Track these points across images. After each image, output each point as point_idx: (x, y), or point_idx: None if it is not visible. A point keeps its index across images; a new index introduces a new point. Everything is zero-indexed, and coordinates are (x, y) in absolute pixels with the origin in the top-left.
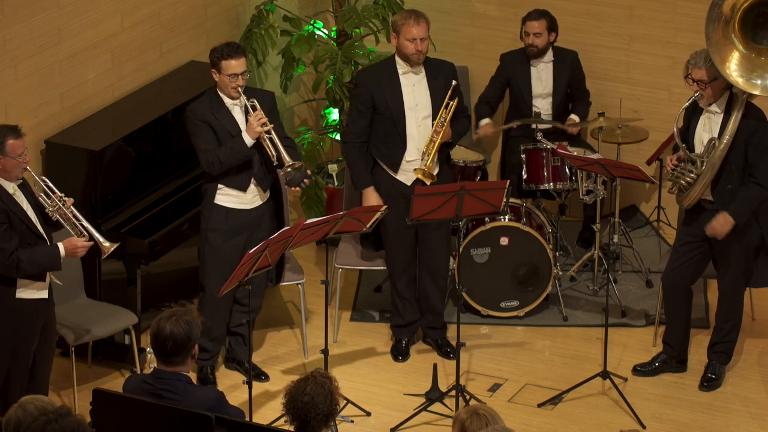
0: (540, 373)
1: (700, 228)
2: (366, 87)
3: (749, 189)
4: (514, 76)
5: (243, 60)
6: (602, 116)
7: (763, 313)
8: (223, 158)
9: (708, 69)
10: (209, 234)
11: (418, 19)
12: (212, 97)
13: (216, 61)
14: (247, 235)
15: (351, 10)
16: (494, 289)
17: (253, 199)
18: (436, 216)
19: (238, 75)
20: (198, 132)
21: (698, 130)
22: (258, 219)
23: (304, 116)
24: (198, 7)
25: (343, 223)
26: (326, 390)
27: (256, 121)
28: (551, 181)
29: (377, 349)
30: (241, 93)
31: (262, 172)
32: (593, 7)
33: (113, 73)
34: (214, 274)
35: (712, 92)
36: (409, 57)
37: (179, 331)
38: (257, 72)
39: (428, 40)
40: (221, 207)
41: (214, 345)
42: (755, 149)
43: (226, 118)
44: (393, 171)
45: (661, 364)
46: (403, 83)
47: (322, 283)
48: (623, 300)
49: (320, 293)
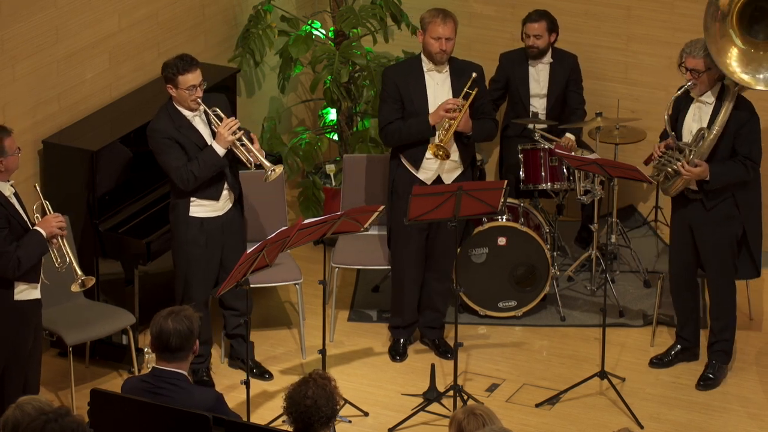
0: (538, 373)
1: (685, 217)
2: (393, 82)
3: (735, 165)
4: (512, 75)
5: (198, 71)
6: (600, 116)
7: (760, 312)
8: (197, 173)
9: (704, 59)
10: (187, 248)
11: (445, 18)
12: (171, 112)
13: (171, 77)
14: (222, 241)
15: (348, 11)
16: (492, 289)
17: (224, 204)
18: (433, 216)
19: (196, 87)
20: (165, 150)
21: (687, 120)
22: (229, 223)
23: (301, 116)
24: (196, 7)
25: (340, 224)
26: (327, 392)
27: (226, 130)
28: (549, 181)
29: (375, 349)
30: (200, 103)
31: (232, 179)
32: (591, 7)
33: (111, 73)
34: (197, 283)
35: (706, 82)
36: (433, 56)
37: (182, 326)
38: (254, 72)
39: (454, 41)
40: (196, 218)
41: (204, 348)
42: (744, 141)
43: (191, 131)
44: (414, 168)
45: (675, 355)
46: (428, 81)
47: (319, 283)
48: (621, 300)
49: (318, 293)
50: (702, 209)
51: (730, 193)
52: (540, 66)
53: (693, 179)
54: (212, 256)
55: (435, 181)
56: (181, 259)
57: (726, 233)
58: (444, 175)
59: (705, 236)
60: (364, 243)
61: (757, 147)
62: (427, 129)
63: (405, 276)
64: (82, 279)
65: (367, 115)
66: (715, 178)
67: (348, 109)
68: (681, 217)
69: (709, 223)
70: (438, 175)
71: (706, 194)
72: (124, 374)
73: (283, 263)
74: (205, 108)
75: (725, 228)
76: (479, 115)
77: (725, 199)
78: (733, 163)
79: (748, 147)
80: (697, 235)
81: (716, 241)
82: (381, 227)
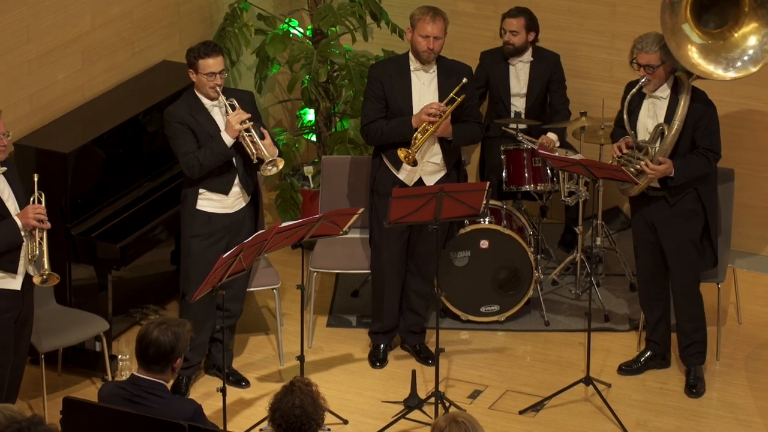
0: (521, 380)
1: (647, 216)
2: (378, 81)
3: (698, 158)
4: (492, 74)
5: (220, 58)
6: (584, 116)
7: (748, 317)
8: (203, 160)
9: (657, 53)
10: (191, 240)
11: (435, 16)
12: (190, 99)
13: (193, 61)
14: (228, 240)
15: (327, 8)
16: (474, 293)
17: (235, 202)
18: (414, 218)
19: (215, 74)
20: (177, 135)
21: (642, 117)
22: (239, 223)
23: (278, 117)
24: (170, 5)
25: (319, 227)
26: (313, 398)
27: (234, 119)
28: (532, 183)
29: (354, 356)
30: (219, 93)
31: (245, 174)
32: (575, 4)
33: (84, 73)
34: (196, 281)
35: (661, 76)
36: (420, 54)
37: (165, 339)
38: (231, 72)
39: (442, 40)
40: (203, 212)
41: (195, 354)
42: (703, 133)
43: (206, 120)
44: (396, 168)
45: (646, 361)
46: (414, 81)
47: (297, 287)
48: (606, 304)
49: (296, 298)
50: (666, 206)
51: (693, 187)
52: (520, 65)
53: (657, 177)
54: (215, 254)
55: (417, 182)
56: (185, 253)
57: (689, 229)
58: (426, 177)
59: (669, 233)
60: (343, 247)
61: (717, 137)
62: (409, 130)
63: (385, 279)
64: (47, 275)
65: (345, 116)
66: (679, 173)
67: (326, 110)
68: (643, 217)
69: (673, 220)
70: (420, 176)
71: (669, 190)
72: (97, 382)
73: (261, 267)
74: (224, 99)
75: (688, 223)
76: (465, 118)
77: (688, 193)
78: (695, 157)
79: (709, 139)
80: (661, 233)
81: (681, 237)
82: (361, 230)
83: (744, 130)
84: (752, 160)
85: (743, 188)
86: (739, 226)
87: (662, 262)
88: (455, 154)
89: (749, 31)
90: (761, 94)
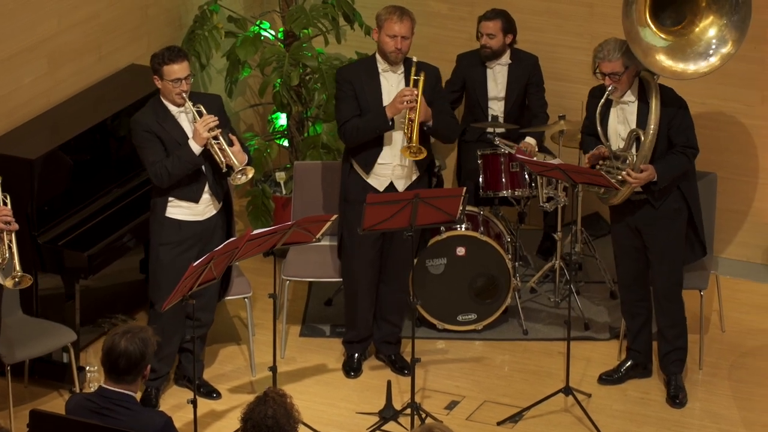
0: (499, 390)
1: (631, 222)
2: (348, 82)
3: (678, 157)
4: (469, 77)
5: (186, 64)
6: (563, 119)
7: (732, 325)
8: (171, 169)
9: (619, 60)
10: (161, 248)
11: (402, 16)
12: (156, 106)
13: (157, 67)
14: (199, 248)
15: (299, 10)
16: (450, 301)
17: (205, 209)
18: (389, 225)
19: (181, 80)
20: (145, 144)
21: (612, 123)
22: (210, 231)
23: (250, 121)
24: (138, 8)
25: (291, 234)
26: (286, 409)
27: (202, 127)
28: (510, 188)
29: (328, 366)
30: (186, 99)
31: (215, 181)
32: (553, 4)
33: (49, 77)
34: (166, 290)
35: (626, 81)
36: (387, 55)
37: (134, 348)
38: (201, 75)
39: (410, 40)
40: (173, 220)
41: (163, 365)
42: (679, 131)
43: (173, 128)
44: (365, 172)
45: (627, 371)
46: (383, 83)
47: (269, 296)
48: (586, 312)
49: (268, 307)
50: (650, 209)
51: (676, 186)
52: (498, 67)
53: (639, 182)
54: (185, 262)
55: (387, 188)
56: (153, 262)
57: (675, 228)
58: (397, 182)
59: (655, 235)
60: (316, 254)
61: (692, 132)
62: (385, 122)
63: (358, 288)
64: (19, 276)
65: (318, 120)
66: (663, 176)
67: (299, 114)
68: (626, 223)
69: (659, 221)
70: (390, 181)
71: (652, 194)
72: (65, 394)
73: (232, 276)
74: (190, 105)
75: (674, 223)
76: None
77: (672, 193)
78: (675, 156)
79: (684, 135)
80: (647, 235)
81: (667, 237)
82: (333, 237)
83: (725, 132)
84: (734, 163)
85: (725, 193)
86: (721, 231)
87: (645, 267)
88: (427, 156)
89: (708, 23)
90: (741, 95)
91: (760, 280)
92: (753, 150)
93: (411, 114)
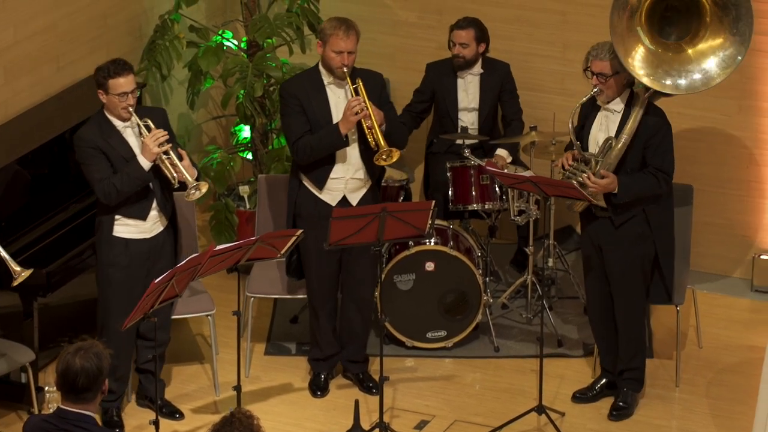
0: (470, 409)
1: (593, 237)
2: (294, 97)
3: (646, 177)
4: (440, 87)
5: (132, 77)
6: (534, 130)
7: (709, 340)
8: (120, 186)
9: (611, 61)
10: (109, 269)
11: (348, 30)
12: (101, 121)
13: (102, 81)
14: (148, 266)
15: (262, 19)
16: (420, 318)
17: (153, 227)
18: (355, 240)
19: (127, 94)
20: (90, 161)
21: (593, 129)
22: (158, 248)
23: (212, 134)
24: (97, 17)
25: (255, 250)
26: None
27: (152, 142)
28: (480, 201)
29: (294, 385)
30: (132, 113)
31: (163, 197)
32: (524, 12)
33: (6, 89)
34: (118, 310)
35: (614, 87)
36: (334, 70)
37: (90, 365)
38: (162, 87)
39: (355, 54)
40: (120, 239)
41: (120, 385)
42: (655, 151)
43: (119, 143)
44: (318, 189)
45: (601, 389)
46: (330, 95)
47: (233, 314)
48: (559, 328)
49: (232, 325)
50: (611, 227)
51: (641, 209)
52: (469, 77)
53: (599, 192)
54: (135, 281)
55: (340, 202)
56: (102, 282)
57: (637, 254)
58: (350, 195)
59: (614, 258)
60: (282, 271)
61: (669, 158)
62: (339, 138)
63: (318, 305)
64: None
65: (283, 132)
66: (623, 190)
67: (262, 126)
68: (589, 237)
69: (619, 244)
70: (344, 195)
71: (614, 210)
72: (23, 415)
73: (194, 293)
74: (137, 119)
75: (636, 248)
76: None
77: (635, 215)
78: (644, 175)
79: (660, 158)
80: (606, 256)
81: (626, 263)
82: None
83: (701, 143)
84: (711, 174)
85: (702, 205)
86: (698, 244)
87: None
88: (377, 166)
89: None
90: (719, 105)
91: (738, 295)
92: (730, 161)
93: (367, 122)
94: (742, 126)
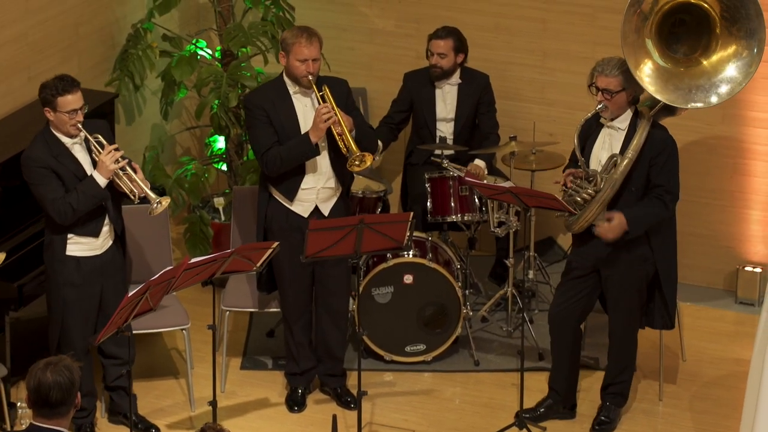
0: (450, 423)
1: (588, 258)
2: (260, 108)
3: (653, 204)
4: (417, 97)
5: (80, 93)
6: (514, 140)
7: (693, 354)
8: (76, 205)
9: (618, 78)
10: (65, 289)
11: (310, 38)
12: (48, 139)
13: (50, 99)
14: (101, 282)
15: (237, 28)
16: (398, 331)
17: (104, 242)
18: (333, 252)
19: (77, 110)
20: (41, 181)
21: (596, 147)
22: (109, 262)
23: (186, 145)
24: (69, 26)
25: (231, 262)
26: None
27: (108, 159)
28: (459, 213)
29: (271, 400)
30: (81, 129)
31: (115, 214)
32: (502, 20)
33: None
34: (76, 329)
35: (619, 104)
36: (299, 79)
37: (62, 378)
38: (134, 97)
39: (320, 61)
40: (72, 257)
41: (89, 400)
42: (660, 171)
43: (69, 161)
44: (288, 200)
45: (546, 410)
46: (296, 104)
47: (208, 327)
48: (540, 342)
49: (207, 339)
50: (610, 249)
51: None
52: (447, 87)
53: (612, 236)
54: (90, 298)
55: (312, 212)
56: (56, 303)
57: (637, 276)
58: (321, 205)
59: (614, 278)
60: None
61: (675, 177)
62: (310, 148)
63: (292, 319)
64: None
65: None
66: (634, 225)
67: (237, 137)
68: (585, 257)
69: (620, 265)
70: (315, 205)
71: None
72: None
73: (169, 306)
74: (86, 134)
75: (637, 270)
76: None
77: (637, 237)
78: (650, 202)
79: (666, 177)
80: (605, 276)
81: (626, 284)
82: None
83: (685, 153)
84: (694, 185)
85: (685, 215)
86: (682, 255)
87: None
88: (347, 174)
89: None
90: (702, 114)
91: (722, 307)
92: (713, 170)
93: (337, 128)
94: (726, 135)
